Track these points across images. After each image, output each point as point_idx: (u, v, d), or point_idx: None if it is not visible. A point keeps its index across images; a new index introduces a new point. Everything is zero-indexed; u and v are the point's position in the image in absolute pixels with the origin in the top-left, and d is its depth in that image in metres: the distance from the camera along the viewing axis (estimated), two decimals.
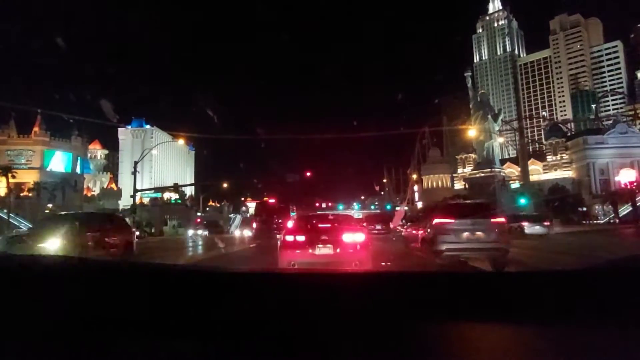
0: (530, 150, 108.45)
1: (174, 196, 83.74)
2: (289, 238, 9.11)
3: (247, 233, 40.93)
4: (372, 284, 1.34)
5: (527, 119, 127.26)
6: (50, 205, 75.27)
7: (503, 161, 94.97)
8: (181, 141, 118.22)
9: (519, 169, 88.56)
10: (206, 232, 54.32)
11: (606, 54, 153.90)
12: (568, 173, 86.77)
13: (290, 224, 11.85)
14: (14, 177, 74.33)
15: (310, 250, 8.61)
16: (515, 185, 73.53)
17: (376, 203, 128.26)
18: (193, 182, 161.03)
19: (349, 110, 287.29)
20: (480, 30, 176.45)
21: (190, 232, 57.91)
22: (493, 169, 76.53)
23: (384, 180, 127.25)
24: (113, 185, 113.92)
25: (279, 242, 10.08)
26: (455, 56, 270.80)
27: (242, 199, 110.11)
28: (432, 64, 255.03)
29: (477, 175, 78.68)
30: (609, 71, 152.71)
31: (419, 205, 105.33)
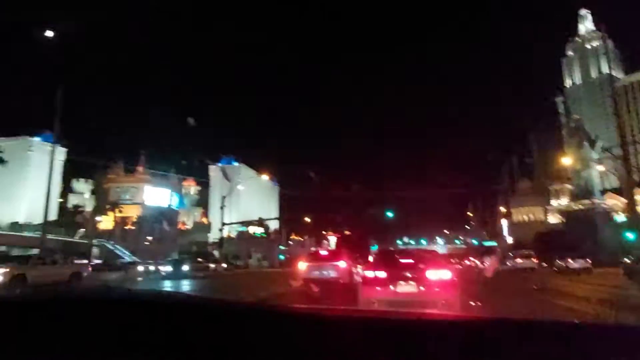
0: (637, 179, 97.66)
1: (259, 230, 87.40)
2: (369, 274, 8.82)
3: None
4: (473, 333, 1.07)
5: (632, 145, 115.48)
6: (149, 238, 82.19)
7: (604, 192, 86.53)
8: (265, 177, 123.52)
9: (624, 200, 79.96)
10: None
11: None
12: None
13: (370, 258, 11.31)
14: (120, 211, 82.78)
15: (391, 288, 8.20)
16: (621, 218, 66.31)
17: (461, 238, 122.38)
18: (277, 216, 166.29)
19: (432, 140, 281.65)
20: (572, 53, 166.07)
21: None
22: (593, 201, 69.95)
23: (470, 214, 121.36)
24: (204, 219, 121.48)
25: (358, 277, 9.59)
26: (543, 81, 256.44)
27: (324, 232, 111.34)
28: (518, 90, 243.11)
29: (575, 207, 72.35)
30: None
31: (509, 240, 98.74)
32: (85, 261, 52.75)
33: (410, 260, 9.18)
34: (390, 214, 36.24)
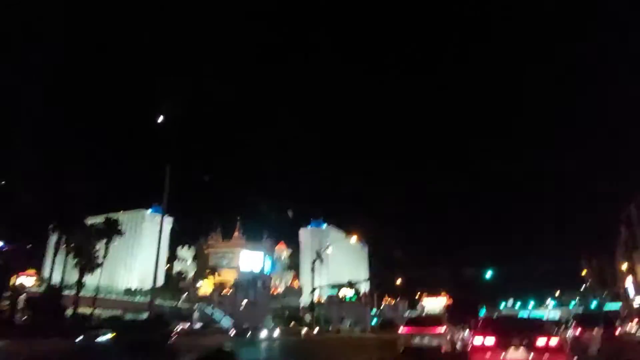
0: None
1: (349, 293, 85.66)
2: (478, 341, 9.24)
3: None
4: None
5: None
6: (244, 302, 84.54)
7: None
8: (354, 238, 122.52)
9: None
10: None
11: None
12: None
13: (479, 325, 11.54)
14: (219, 275, 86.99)
15: (503, 355, 8.57)
16: None
17: (577, 299, 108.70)
18: (367, 277, 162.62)
19: (534, 189, 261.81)
20: None
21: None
22: None
23: (584, 273, 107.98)
24: (295, 283, 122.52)
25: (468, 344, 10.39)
26: None
27: (417, 295, 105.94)
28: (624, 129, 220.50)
29: None
30: None
31: (637, 301, 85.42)
32: (187, 325, 55.38)
33: (518, 328, 9.62)
34: (488, 275, 33.52)
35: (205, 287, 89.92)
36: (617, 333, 23.89)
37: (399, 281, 60.28)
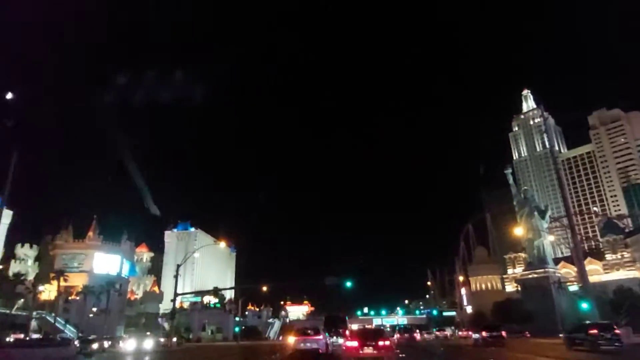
0: (586, 248, 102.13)
1: (213, 300, 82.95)
2: (349, 344, 17.56)
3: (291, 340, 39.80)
4: None
5: (578, 215, 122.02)
6: (94, 309, 76.35)
7: (557, 261, 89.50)
8: (223, 244, 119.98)
9: (575, 269, 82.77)
10: None
11: None
12: (633, 273, 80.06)
13: (349, 334, 21.06)
14: (65, 280, 76.88)
15: (361, 351, 16.28)
16: (573, 287, 68.15)
17: (421, 307, 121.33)
18: (233, 284, 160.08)
19: (389, 209, 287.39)
20: (517, 129, 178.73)
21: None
22: (546, 269, 71.99)
23: (429, 283, 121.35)
24: (156, 289, 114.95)
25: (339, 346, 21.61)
26: (495, 153, 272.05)
27: (282, 302, 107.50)
28: (471, 162, 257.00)
29: (530, 276, 74.03)
30: None
31: (469, 309, 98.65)
32: (21, 335, 48.08)
33: (373, 335, 17.67)
34: (349, 284, 35.60)
35: (48, 292, 78.89)
36: (417, 337, 49.32)
37: (264, 289, 60.17)
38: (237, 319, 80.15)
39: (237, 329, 74.76)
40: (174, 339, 48.60)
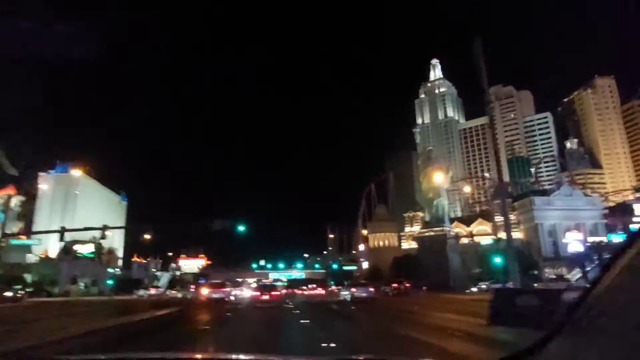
0: (478, 210, 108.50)
1: (86, 249, 71.55)
2: (254, 293, 35.72)
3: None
4: None
5: (473, 179, 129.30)
6: None
7: (450, 221, 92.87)
8: (109, 190, 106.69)
9: (467, 228, 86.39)
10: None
11: (537, 124, 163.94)
12: (517, 234, 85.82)
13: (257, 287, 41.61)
14: None
15: (262, 298, 30.48)
16: (485, 241, 70.70)
17: (320, 262, 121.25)
18: (123, 238, 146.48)
19: (293, 159, 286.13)
20: (423, 96, 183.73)
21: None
22: (443, 228, 73.55)
23: (331, 236, 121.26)
24: (23, 237, 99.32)
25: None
26: (401, 116, 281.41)
27: (172, 254, 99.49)
28: (378, 122, 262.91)
29: (427, 234, 75.27)
30: (541, 139, 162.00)
31: (365, 265, 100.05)
32: None
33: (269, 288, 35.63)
34: (241, 228, 30.18)
35: None
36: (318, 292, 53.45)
37: (147, 236, 52.00)
38: (116, 271, 70.78)
39: (110, 282, 65.66)
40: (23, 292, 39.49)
